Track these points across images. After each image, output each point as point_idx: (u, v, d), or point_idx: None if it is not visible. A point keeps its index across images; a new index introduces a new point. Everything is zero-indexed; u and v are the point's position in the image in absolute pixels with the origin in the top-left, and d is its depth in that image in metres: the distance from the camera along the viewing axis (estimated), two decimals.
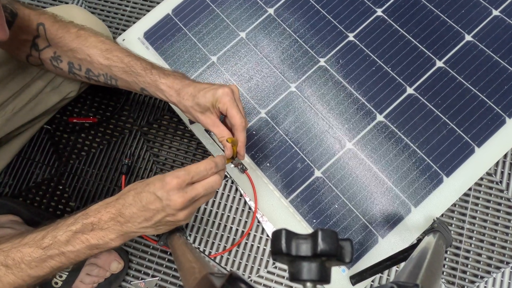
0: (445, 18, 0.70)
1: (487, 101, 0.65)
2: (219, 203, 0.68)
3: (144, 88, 0.54)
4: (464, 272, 0.62)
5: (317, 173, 0.65)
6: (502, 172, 0.66)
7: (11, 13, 0.51)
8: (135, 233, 0.43)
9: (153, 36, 0.75)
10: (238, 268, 0.65)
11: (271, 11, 0.74)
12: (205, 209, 0.68)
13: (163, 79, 0.52)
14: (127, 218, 0.42)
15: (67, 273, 0.61)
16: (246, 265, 0.65)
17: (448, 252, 0.63)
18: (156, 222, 0.42)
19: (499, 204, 0.64)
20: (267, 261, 0.65)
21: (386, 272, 0.63)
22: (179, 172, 0.41)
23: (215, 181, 0.43)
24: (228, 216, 0.67)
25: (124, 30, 0.78)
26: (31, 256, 0.40)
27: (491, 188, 0.65)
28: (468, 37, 0.69)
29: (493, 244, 0.63)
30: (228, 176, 0.68)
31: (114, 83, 0.55)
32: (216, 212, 0.68)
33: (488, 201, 0.65)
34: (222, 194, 0.68)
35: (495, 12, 0.69)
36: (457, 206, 0.65)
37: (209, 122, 0.52)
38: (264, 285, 0.64)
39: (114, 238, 0.42)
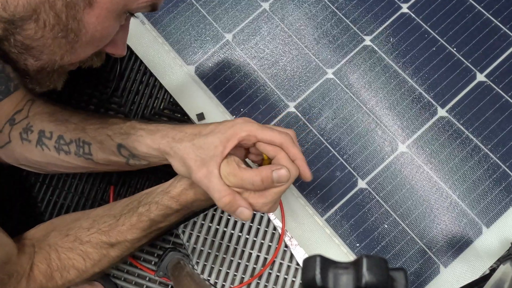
0: None
1: None
2: (235, 222, 0.68)
3: (120, 143, 0.56)
4: None
5: (361, 184, 0.66)
6: None
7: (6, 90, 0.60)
8: None
9: None
10: None
11: None
12: (216, 229, 0.68)
13: (144, 125, 0.55)
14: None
15: None
16: None
17: None
18: None
19: None
20: None
21: None
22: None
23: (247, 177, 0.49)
24: (247, 238, 0.67)
25: None
26: (132, 236, 0.54)
27: None
28: None
29: None
30: None
31: (87, 151, 0.58)
32: (231, 234, 0.68)
33: None
34: None
35: None
36: None
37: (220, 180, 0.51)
38: None
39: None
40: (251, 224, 0.68)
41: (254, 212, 0.60)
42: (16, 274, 0.50)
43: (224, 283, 0.66)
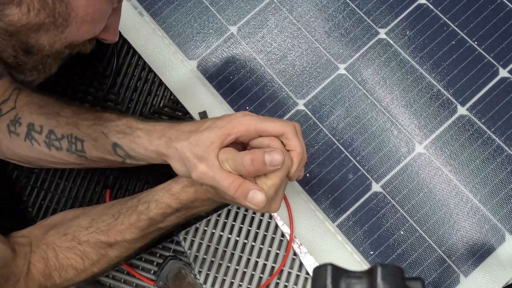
0: None
1: None
2: (240, 227, 0.67)
3: (116, 142, 0.56)
4: None
5: (376, 187, 0.65)
6: None
7: None
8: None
9: None
10: None
11: None
12: (220, 236, 0.67)
13: (140, 124, 0.55)
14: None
15: None
16: None
17: None
18: None
19: None
20: None
21: None
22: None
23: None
24: (253, 246, 0.67)
25: None
26: (131, 236, 0.55)
27: None
28: None
29: None
30: None
31: (79, 148, 0.58)
32: (236, 241, 0.67)
33: None
34: (245, 215, 0.68)
35: None
36: None
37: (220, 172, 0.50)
38: None
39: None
40: (257, 231, 0.67)
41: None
42: (13, 276, 0.50)
43: None
